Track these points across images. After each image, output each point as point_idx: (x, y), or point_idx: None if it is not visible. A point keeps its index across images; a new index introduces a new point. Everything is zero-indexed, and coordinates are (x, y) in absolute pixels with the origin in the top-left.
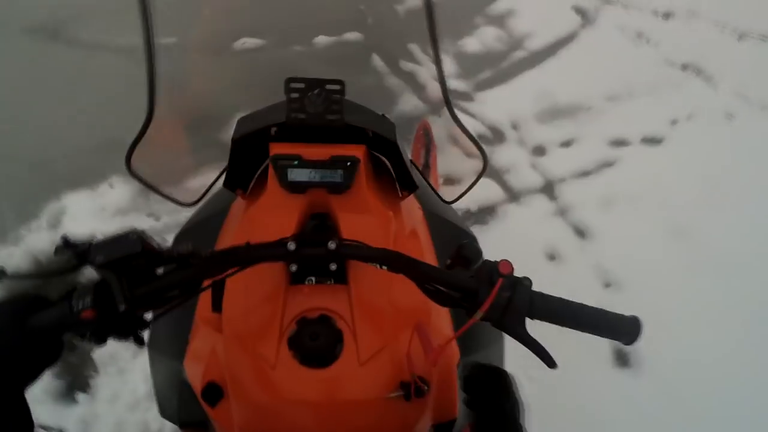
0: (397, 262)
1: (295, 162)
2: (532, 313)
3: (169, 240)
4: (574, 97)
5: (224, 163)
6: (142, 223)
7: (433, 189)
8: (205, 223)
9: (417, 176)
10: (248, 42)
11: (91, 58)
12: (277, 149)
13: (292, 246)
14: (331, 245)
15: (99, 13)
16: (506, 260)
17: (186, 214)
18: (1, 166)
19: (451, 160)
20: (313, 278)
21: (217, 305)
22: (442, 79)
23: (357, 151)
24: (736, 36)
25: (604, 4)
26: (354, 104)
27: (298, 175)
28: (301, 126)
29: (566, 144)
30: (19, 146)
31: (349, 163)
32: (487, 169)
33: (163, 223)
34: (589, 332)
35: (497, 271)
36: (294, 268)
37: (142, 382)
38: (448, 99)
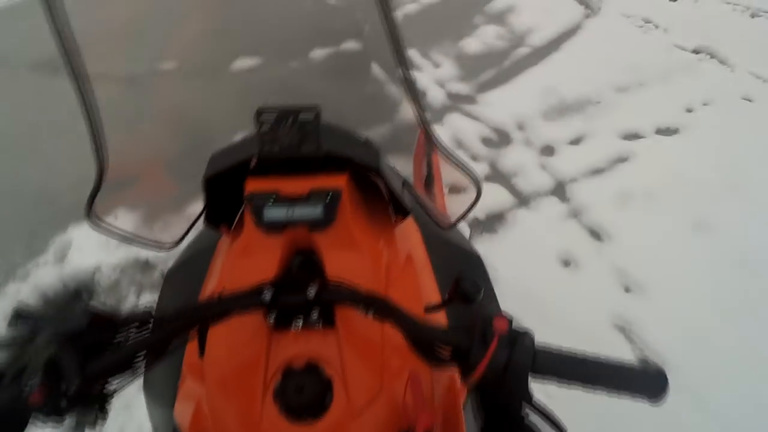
0: (383, 310)
1: (271, 200)
2: (535, 372)
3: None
4: (582, 92)
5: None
6: (146, 252)
7: (429, 214)
8: (194, 261)
9: (412, 199)
10: (245, 62)
11: (92, 90)
12: (252, 185)
13: (267, 296)
14: (310, 292)
15: (98, 45)
16: (503, 315)
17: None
18: (8, 203)
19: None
20: (300, 322)
21: (203, 351)
22: (419, 107)
23: (339, 181)
24: (748, 14)
25: None
26: (335, 128)
27: (275, 213)
28: (276, 159)
29: (576, 141)
30: (24, 181)
31: (330, 197)
32: (481, 195)
33: (166, 251)
34: (606, 391)
35: (492, 329)
36: (273, 317)
37: (147, 419)
38: (427, 125)
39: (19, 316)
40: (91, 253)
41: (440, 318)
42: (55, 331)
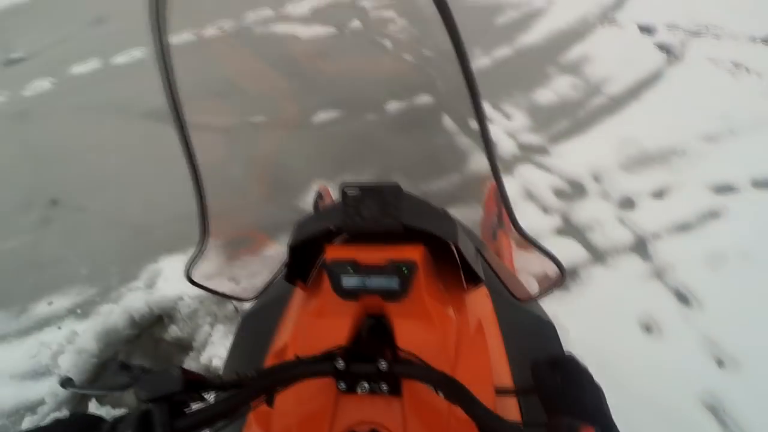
0: (454, 393)
1: (350, 268)
2: None
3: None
4: (665, 141)
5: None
6: (223, 285)
7: (503, 284)
8: (269, 308)
9: (486, 268)
10: (325, 115)
11: (193, 137)
12: (332, 253)
13: (340, 364)
14: (382, 365)
15: (203, 98)
16: (590, 428)
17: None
18: (111, 231)
19: (526, 215)
20: (367, 385)
21: (272, 401)
22: (502, 190)
23: (415, 253)
24: None
25: (691, 37)
26: (413, 200)
27: (352, 282)
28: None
29: (659, 194)
30: (126, 213)
31: (405, 270)
32: (565, 279)
33: (242, 287)
34: None
35: None
36: (343, 386)
37: None
38: (510, 209)
39: (123, 367)
40: (177, 284)
41: (511, 403)
42: (152, 389)
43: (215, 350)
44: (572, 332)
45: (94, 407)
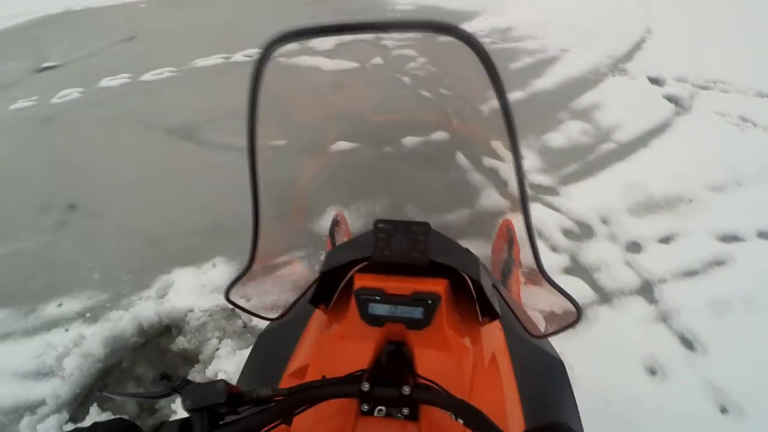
0: (475, 420)
1: (377, 297)
2: None
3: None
4: (672, 189)
5: (310, 250)
6: (234, 301)
7: (519, 320)
8: (287, 328)
9: (502, 303)
10: (344, 144)
11: (213, 156)
12: (361, 281)
13: (366, 387)
14: (406, 390)
15: (227, 119)
16: None
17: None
18: (126, 239)
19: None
20: (383, 408)
21: (290, 418)
22: (531, 232)
23: (439, 286)
24: None
25: (699, 90)
26: (440, 237)
27: (379, 309)
28: (385, 262)
29: (666, 240)
30: (142, 224)
31: (430, 302)
32: (581, 320)
33: (252, 305)
34: None
35: None
36: (366, 407)
37: None
38: (536, 250)
39: (164, 377)
40: (188, 296)
41: None
42: (198, 399)
43: (221, 364)
44: (576, 369)
45: (95, 412)
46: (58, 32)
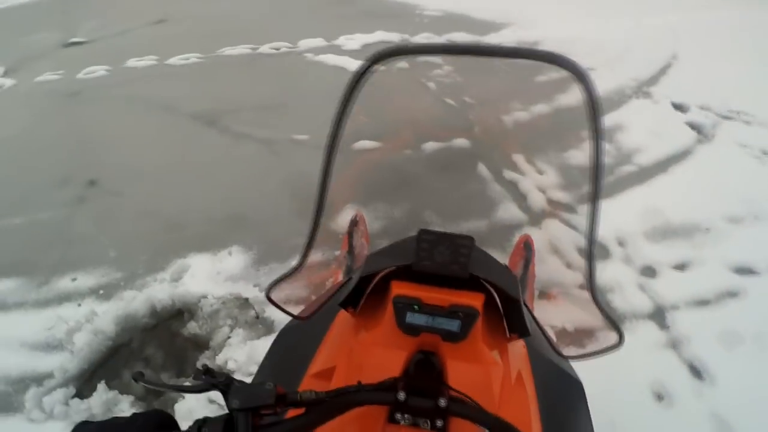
0: None
1: (415, 306)
2: None
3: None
4: (690, 217)
5: (325, 247)
6: (247, 291)
7: (549, 341)
8: (310, 327)
9: (531, 321)
10: (366, 144)
11: (235, 146)
12: (399, 289)
13: (401, 396)
14: (442, 402)
15: (251, 109)
16: None
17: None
18: (144, 221)
19: (551, 270)
20: (409, 416)
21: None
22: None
23: (476, 301)
24: None
25: (722, 120)
26: (482, 252)
27: (416, 319)
28: (425, 272)
29: (681, 267)
30: (161, 207)
31: (467, 315)
32: (621, 345)
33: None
34: None
35: None
36: (398, 416)
37: None
38: (593, 274)
39: (207, 371)
40: (202, 282)
41: None
42: (247, 399)
43: (232, 352)
44: (584, 388)
45: (102, 389)
46: (89, 8)
